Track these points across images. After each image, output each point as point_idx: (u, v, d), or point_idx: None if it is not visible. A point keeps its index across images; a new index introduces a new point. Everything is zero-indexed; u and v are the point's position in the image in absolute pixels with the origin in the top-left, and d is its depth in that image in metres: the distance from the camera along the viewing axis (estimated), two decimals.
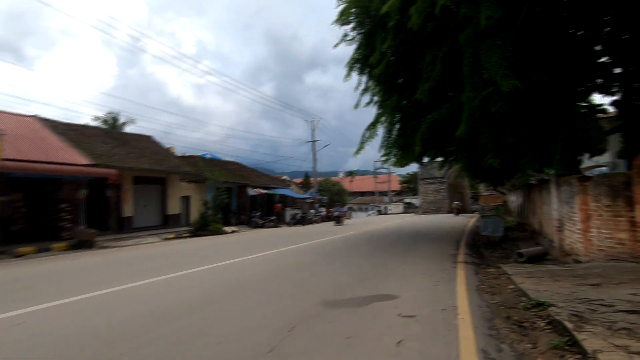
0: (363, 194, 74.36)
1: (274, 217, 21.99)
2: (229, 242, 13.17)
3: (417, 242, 12.68)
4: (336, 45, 14.77)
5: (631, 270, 5.86)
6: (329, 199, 34.59)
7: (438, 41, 11.51)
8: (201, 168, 19.98)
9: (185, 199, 18.96)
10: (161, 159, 17.28)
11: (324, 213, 32.60)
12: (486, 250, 11.31)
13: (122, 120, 35.59)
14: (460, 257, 9.13)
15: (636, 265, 6.13)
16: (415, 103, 13.09)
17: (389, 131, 14.82)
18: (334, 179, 47.14)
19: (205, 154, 43.58)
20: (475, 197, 19.76)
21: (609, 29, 9.71)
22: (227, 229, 18.42)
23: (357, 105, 15.23)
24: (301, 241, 13.11)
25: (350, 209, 61.16)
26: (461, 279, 6.43)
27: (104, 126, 30.29)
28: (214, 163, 24.23)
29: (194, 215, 18.53)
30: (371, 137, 14.11)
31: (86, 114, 66.72)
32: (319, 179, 44.40)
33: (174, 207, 18.11)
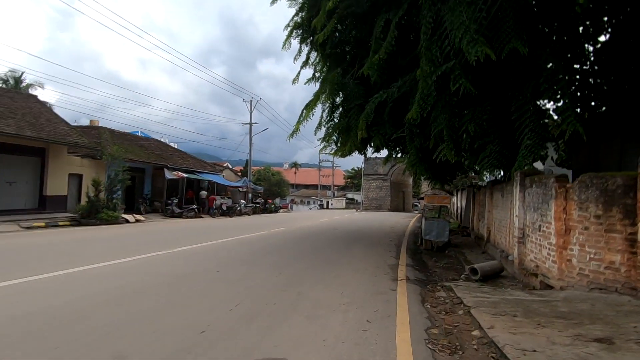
0: (307, 186, 72.54)
1: (194, 206, 18.82)
2: (107, 238, 9.98)
3: (351, 246, 10.62)
4: (273, 1, 12.16)
5: (634, 309, 4.13)
6: (267, 189, 31.82)
7: (393, 2, 9.39)
8: (103, 141, 16.18)
9: (77, 178, 15.12)
10: (41, 125, 13.34)
11: (258, 204, 29.79)
12: (430, 258, 9.58)
13: (26, 82, 29.62)
14: (402, 271, 7.14)
15: (632, 300, 4.45)
16: (362, 81, 10.98)
17: (330, 112, 12.62)
18: (275, 168, 44.39)
19: (135, 132, 38.51)
20: (420, 197, 18.65)
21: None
22: (129, 217, 14.99)
23: (295, 80, 12.72)
24: (209, 239, 10.41)
25: (293, 201, 58.86)
26: (403, 315, 4.30)
27: (3, 87, 24.50)
28: (126, 138, 20.28)
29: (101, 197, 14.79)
30: (306, 117, 11.73)
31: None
32: (255, 167, 41.41)
33: (57, 186, 14.22)
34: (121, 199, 16.91)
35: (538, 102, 7.62)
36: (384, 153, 15.23)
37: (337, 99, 12.37)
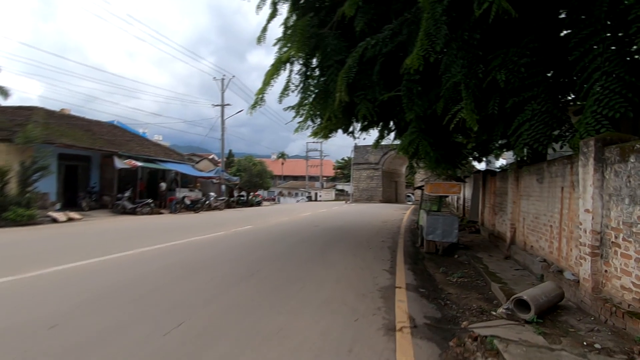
0: (296, 178, 69.63)
1: (149, 201, 15.79)
2: None
3: (329, 252, 7.85)
4: None
5: None
6: (247, 180, 28.85)
7: None
8: (32, 122, 13.04)
9: None
10: None
11: (237, 197, 26.86)
12: (436, 268, 6.92)
13: None
14: (401, 302, 4.41)
15: None
16: (344, 32, 8.19)
17: (304, 77, 9.74)
18: (261, 159, 41.21)
19: (112, 121, 35.39)
20: (418, 186, 15.77)
21: None
22: (58, 215, 11.99)
23: (260, 39, 9.58)
24: (134, 245, 7.55)
25: (280, 193, 55.91)
26: None
27: None
28: (70, 120, 17.07)
29: (13, 190, 11.75)
30: (268, 83, 8.89)
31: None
32: (238, 159, 38.25)
33: None
34: (55, 193, 13.91)
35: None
36: (374, 135, 12.41)
37: (314, 60, 9.47)
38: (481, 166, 20.86)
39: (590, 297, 4.16)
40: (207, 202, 18.78)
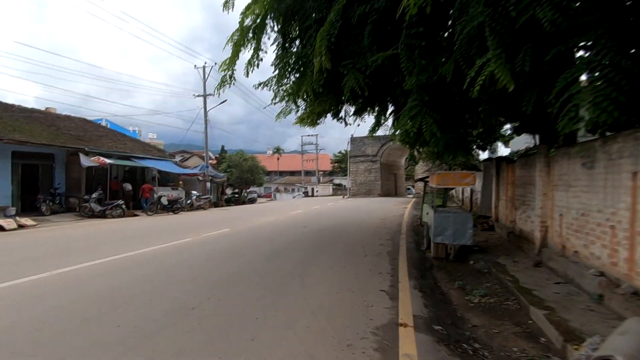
0: (293, 173, 67.94)
1: (121, 202, 14.10)
2: None
3: (311, 265, 6.21)
4: None
5: None
6: (238, 177, 27.16)
7: None
8: None
9: None
10: None
11: (232, 194, 25.26)
12: (451, 282, 5.36)
13: None
14: (409, 356, 2.76)
15: None
16: None
17: (282, 48, 8.02)
18: (256, 155, 39.38)
19: (99, 120, 33.83)
20: (421, 177, 13.81)
21: None
22: (6, 222, 10.36)
23: (226, 4, 7.75)
24: (67, 262, 5.95)
25: (277, 189, 54.24)
26: None
27: None
28: (31, 115, 15.34)
29: None
30: (235, 55, 7.31)
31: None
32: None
33: None
34: (9, 195, 12.29)
35: None
36: (369, 122, 10.70)
37: (295, 30, 7.71)
38: (484, 155, 19.16)
39: None
40: (188, 201, 17.10)
